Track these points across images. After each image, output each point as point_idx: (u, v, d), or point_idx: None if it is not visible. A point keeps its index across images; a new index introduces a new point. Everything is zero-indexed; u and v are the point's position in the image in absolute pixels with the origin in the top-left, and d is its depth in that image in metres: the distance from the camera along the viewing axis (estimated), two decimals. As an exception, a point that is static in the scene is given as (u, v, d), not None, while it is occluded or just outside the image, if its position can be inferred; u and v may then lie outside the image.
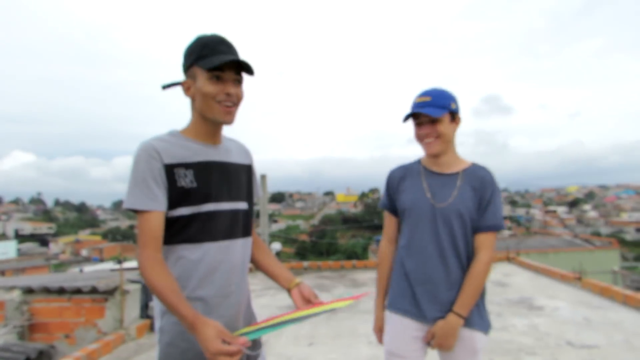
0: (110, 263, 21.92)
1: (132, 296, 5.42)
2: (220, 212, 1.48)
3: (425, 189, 1.92)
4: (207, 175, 1.47)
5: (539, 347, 4.21)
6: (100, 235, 75.34)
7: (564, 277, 7.03)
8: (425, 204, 1.89)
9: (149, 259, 1.36)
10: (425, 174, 1.96)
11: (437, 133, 1.85)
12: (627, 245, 60.74)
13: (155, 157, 1.39)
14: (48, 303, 5.21)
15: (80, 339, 5.09)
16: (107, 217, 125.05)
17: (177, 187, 1.41)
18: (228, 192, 1.52)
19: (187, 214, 1.42)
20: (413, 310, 1.89)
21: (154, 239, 1.37)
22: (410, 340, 1.88)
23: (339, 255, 43.12)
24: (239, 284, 1.55)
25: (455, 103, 1.89)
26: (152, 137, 1.46)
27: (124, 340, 4.87)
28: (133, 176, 1.39)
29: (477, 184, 1.87)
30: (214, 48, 1.42)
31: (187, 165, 1.43)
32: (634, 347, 4.11)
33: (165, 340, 1.45)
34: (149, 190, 1.37)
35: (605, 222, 76.81)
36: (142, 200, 1.37)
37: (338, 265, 9.01)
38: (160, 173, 1.39)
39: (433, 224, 1.86)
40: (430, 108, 1.83)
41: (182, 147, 1.46)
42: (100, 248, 52.86)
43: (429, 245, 1.87)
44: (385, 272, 2.08)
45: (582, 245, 20.18)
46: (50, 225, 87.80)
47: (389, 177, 2.08)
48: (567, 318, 5.09)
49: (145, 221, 1.37)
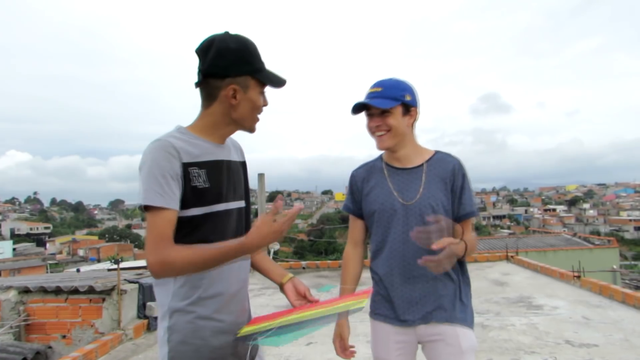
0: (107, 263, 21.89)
1: (130, 296, 5.40)
2: (230, 212, 1.49)
3: (391, 188, 1.81)
4: (218, 174, 1.46)
5: (538, 346, 4.20)
6: (97, 235, 75.05)
7: (562, 276, 7.02)
8: (394, 204, 1.78)
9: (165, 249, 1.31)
10: (388, 171, 1.85)
11: (388, 126, 1.74)
12: (626, 244, 60.82)
13: (174, 155, 1.36)
14: (45, 303, 5.20)
15: (77, 339, 5.07)
16: (104, 216, 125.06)
17: (191, 186, 1.38)
18: (234, 191, 1.53)
19: (200, 214, 1.40)
20: (392, 315, 1.80)
21: (167, 238, 1.32)
22: (394, 345, 1.80)
23: (338, 255, 43.09)
24: (246, 281, 1.58)
25: (411, 95, 1.77)
26: (165, 134, 1.43)
27: (122, 340, 4.85)
28: (151, 173, 1.34)
29: (444, 174, 1.77)
30: (262, 61, 1.48)
31: (200, 164, 1.42)
32: (633, 345, 4.10)
33: (178, 339, 1.43)
34: (169, 188, 1.33)
35: (605, 221, 76.99)
36: (162, 198, 1.32)
37: (336, 265, 8.99)
38: (178, 172, 1.36)
39: (405, 224, 1.75)
40: (380, 99, 1.72)
41: (194, 145, 1.43)
42: (98, 248, 52.53)
43: (404, 247, 1.75)
44: (349, 276, 1.94)
45: (581, 244, 20.17)
46: (46, 225, 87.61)
47: (351, 178, 1.96)
48: (566, 317, 5.08)
49: (160, 219, 1.32)
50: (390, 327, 1.81)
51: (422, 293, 1.76)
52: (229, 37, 1.45)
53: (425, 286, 1.76)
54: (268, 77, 1.48)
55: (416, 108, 1.80)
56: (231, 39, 1.45)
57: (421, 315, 1.76)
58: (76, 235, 73.99)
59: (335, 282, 7.69)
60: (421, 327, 1.77)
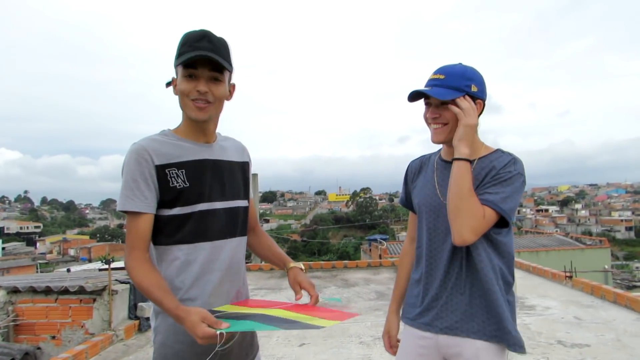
0: (98, 263, 21.75)
1: (121, 296, 5.35)
2: (214, 211, 1.47)
3: (435, 183, 1.66)
4: (200, 174, 1.45)
5: (531, 346, 4.20)
6: (89, 235, 74.45)
7: (555, 276, 7.05)
8: (433, 201, 1.64)
9: (136, 260, 1.37)
10: (438, 165, 1.69)
11: (445, 119, 1.56)
12: (617, 244, 61.45)
13: (146, 158, 1.37)
14: (34, 303, 5.14)
15: (67, 340, 5.02)
16: (96, 216, 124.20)
17: (169, 187, 1.40)
18: (222, 191, 1.50)
19: (181, 214, 1.41)
20: (420, 319, 1.66)
21: (141, 240, 1.37)
22: (417, 350, 1.65)
23: (331, 255, 43.23)
24: (234, 283, 1.53)
25: (479, 85, 1.56)
26: (143, 138, 1.44)
27: (112, 341, 4.80)
28: (124, 178, 1.38)
29: (490, 171, 1.53)
30: (193, 44, 1.39)
31: (179, 164, 1.42)
32: (624, 345, 4.12)
33: (160, 340, 1.44)
34: (140, 192, 1.36)
35: (596, 221, 77.58)
36: (132, 202, 1.36)
37: (329, 265, 8.99)
38: (151, 174, 1.38)
39: (445, 221, 1.57)
40: (440, 89, 1.54)
41: (173, 146, 1.44)
42: (89, 247, 52.02)
43: (441, 246, 1.61)
44: (401, 273, 1.85)
45: (573, 244, 20.31)
46: (37, 224, 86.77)
47: (406, 169, 1.84)
48: (558, 317, 5.09)
49: (134, 222, 1.37)
50: (417, 331, 1.67)
51: (460, 298, 1.57)
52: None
53: (459, 293, 1.58)
54: (183, 57, 1.39)
55: (482, 100, 1.59)
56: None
57: (447, 324, 1.58)
58: (67, 235, 73.40)
59: (329, 282, 7.69)
60: (443, 338, 1.59)
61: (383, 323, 1.92)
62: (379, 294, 6.86)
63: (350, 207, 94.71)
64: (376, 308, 5.87)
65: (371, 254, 26.83)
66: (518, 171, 1.52)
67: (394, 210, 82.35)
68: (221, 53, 1.42)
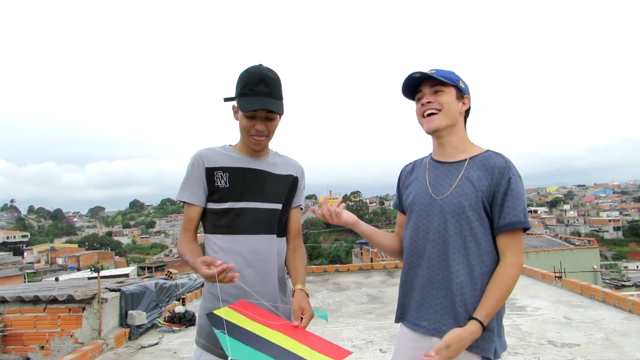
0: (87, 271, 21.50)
1: (111, 304, 5.30)
2: (248, 210, 1.74)
3: (427, 181, 1.67)
4: (241, 179, 1.75)
5: (521, 347, 4.23)
6: (77, 243, 73.41)
7: (544, 276, 7.11)
8: (425, 199, 1.65)
9: (182, 235, 1.77)
10: (430, 165, 1.72)
11: (440, 104, 1.61)
12: (606, 244, 62.07)
13: (199, 161, 1.75)
14: (22, 313, 5.06)
15: (56, 349, 4.95)
16: (84, 224, 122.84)
17: (214, 186, 1.74)
18: (259, 195, 1.77)
19: (221, 208, 1.73)
20: (409, 319, 1.68)
21: (190, 223, 1.76)
22: (410, 352, 1.65)
23: (322, 259, 43.10)
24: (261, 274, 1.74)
25: (464, 84, 1.68)
26: (204, 147, 1.82)
27: (102, 350, 4.75)
28: (185, 175, 1.77)
29: (485, 174, 1.57)
30: (253, 88, 1.67)
31: (225, 169, 1.75)
32: (613, 344, 4.16)
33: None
34: (191, 187, 1.75)
35: (585, 222, 78.31)
36: (184, 194, 1.75)
37: (321, 270, 8.98)
38: (201, 174, 1.74)
39: (433, 221, 1.60)
40: (435, 73, 1.63)
41: (225, 156, 1.78)
42: (77, 256, 51.12)
43: (429, 246, 1.61)
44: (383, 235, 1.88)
45: (562, 245, 20.47)
46: (24, 233, 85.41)
47: (399, 174, 1.87)
48: (548, 317, 5.13)
49: (186, 210, 1.76)
50: (408, 331, 1.68)
51: (441, 300, 1.58)
52: (250, 66, 1.73)
53: (446, 293, 1.57)
54: (244, 105, 1.68)
55: (469, 97, 1.69)
56: (247, 68, 1.73)
57: (436, 326, 1.58)
58: (55, 244, 72.22)
59: (320, 286, 7.68)
60: (435, 340, 1.56)
61: (375, 327, 1.94)
62: (371, 297, 6.87)
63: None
64: (368, 311, 5.87)
65: (362, 258, 26.85)
66: (516, 175, 1.58)
67: (385, 214, 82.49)
68: (276, 95, 1.71)
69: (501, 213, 1.54)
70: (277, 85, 1.72)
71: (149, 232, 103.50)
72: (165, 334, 5.48)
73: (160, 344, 5.08)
